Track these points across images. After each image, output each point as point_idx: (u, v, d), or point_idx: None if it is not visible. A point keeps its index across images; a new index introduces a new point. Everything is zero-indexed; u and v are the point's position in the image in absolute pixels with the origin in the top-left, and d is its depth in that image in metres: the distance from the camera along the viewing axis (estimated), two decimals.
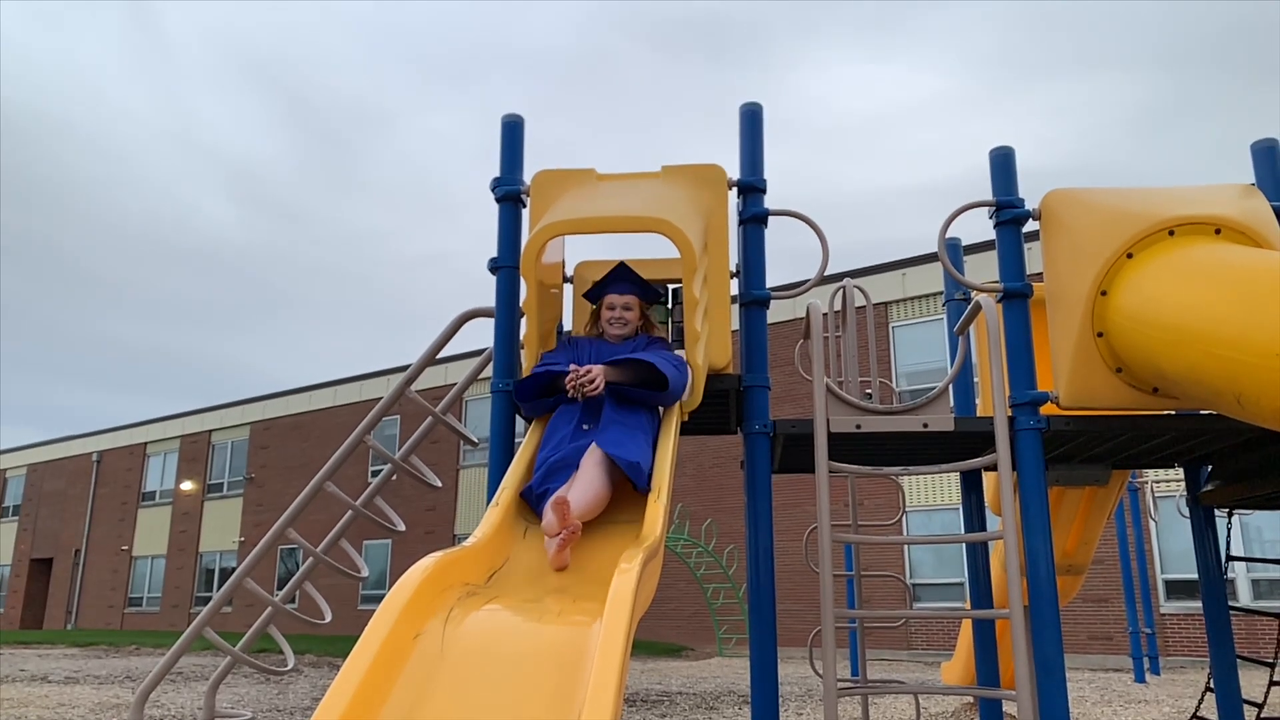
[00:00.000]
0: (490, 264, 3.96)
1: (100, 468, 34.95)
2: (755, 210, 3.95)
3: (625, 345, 3.44)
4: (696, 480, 20.03)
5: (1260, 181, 4.02)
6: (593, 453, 2.97)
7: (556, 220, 3.50)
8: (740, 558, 17.96)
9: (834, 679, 3.00)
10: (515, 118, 4.11)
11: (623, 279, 3.62)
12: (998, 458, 3.22)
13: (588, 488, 2.86)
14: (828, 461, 3.29)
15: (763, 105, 4.10)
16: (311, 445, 28.13)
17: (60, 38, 79.09)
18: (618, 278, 3.62)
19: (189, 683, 10.51)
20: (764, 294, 3.88)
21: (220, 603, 4.73)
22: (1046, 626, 3.40)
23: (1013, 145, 3.94)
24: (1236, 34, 53.38)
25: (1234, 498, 4.34)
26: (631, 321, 3.55)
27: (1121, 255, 3.43)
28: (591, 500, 2.84)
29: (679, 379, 3.22)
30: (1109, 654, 14.91)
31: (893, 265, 18.60)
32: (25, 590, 35.78)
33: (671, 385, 3.17)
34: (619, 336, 3.50)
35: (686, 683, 11.26)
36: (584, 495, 2.82)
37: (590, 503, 2.83)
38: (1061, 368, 3.60)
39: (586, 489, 2.85)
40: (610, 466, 2.94)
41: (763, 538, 3.64)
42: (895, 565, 16.77)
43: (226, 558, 29.76)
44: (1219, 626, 4.30)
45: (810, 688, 10.00)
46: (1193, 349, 2.95)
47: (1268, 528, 14.76)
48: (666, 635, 19.81)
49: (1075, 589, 6.10)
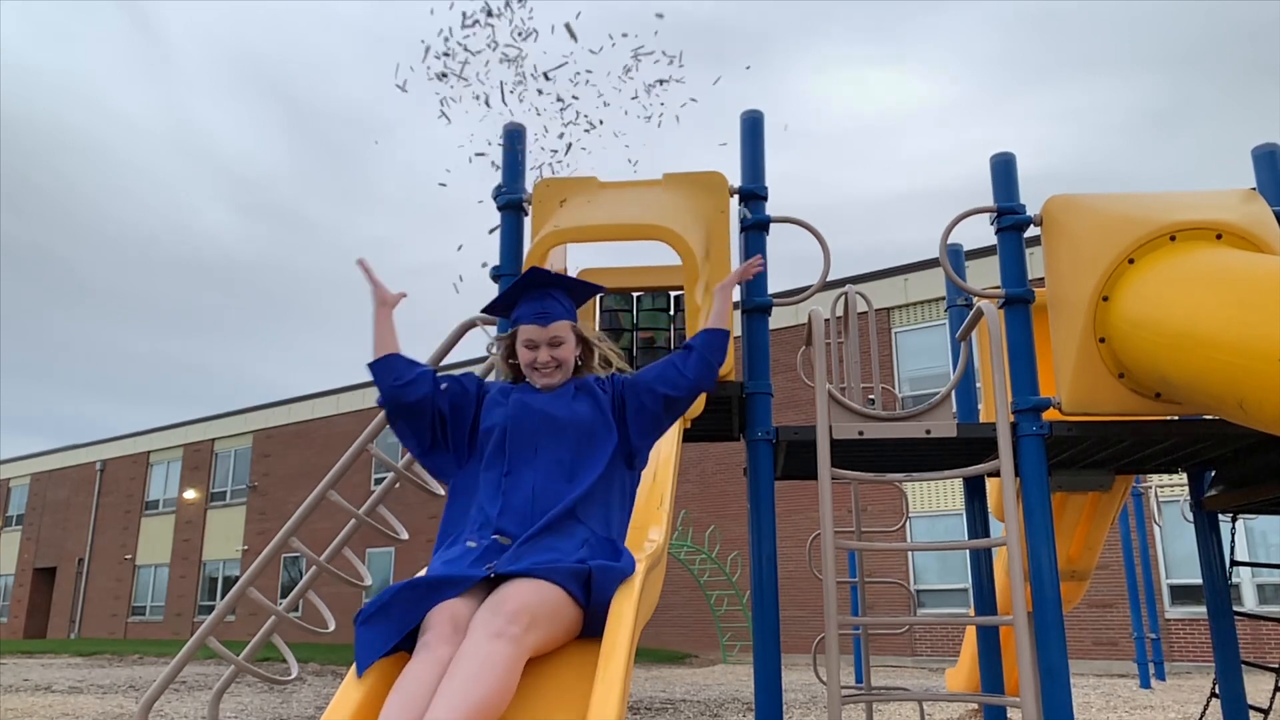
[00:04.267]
0: (492, 272, 3.97)
1: (103, 477, 34.95)
2: (757, 217, 3.96)
3: (564, 396, 2.36)
4: (699, 487, 20.01)
5: (1261, 186, 4.02)
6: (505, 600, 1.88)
7: (558, 229, 3.51)
8: (744, 564, 17.94)
9: (838, 686, 2.99)
10: (517, 126, 4.12)
11: (542, 294, 2.42)
12: (1000, 464, 3.22)
13: (479, 686, 1.72)
14: (831, 468, 3.29)
15: (763, 112, 4.11)
16: (314, 453, 28.12)
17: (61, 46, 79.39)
18: (532, 292, 2.43)
19: (193, 692, 10.50)
20: (766, 300, 3.89)
21: (224, 611, 4.72)
22: (1050, 632, 3.39)
23: (1014, 150, 3.95)
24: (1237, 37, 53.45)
25: (1238, 502, 4.33)
26: (566, 362, 2.40)
27: (1123, 261, 3.43)
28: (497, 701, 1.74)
29: (714, 363, 2.45)
30: (1114, 659, 14.86)
31: (895, 271, 18.59)
32: (29, 599, 35.75)
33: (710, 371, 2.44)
34: (551, 387, 2.39)
35: (690, 690, 11.23)
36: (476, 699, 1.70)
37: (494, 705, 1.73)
38: (1064, 373, 3.60)
39: (478, 689, 1.71)
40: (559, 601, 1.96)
41: (766, 544, 3.64)
42: (899, 571, 16.73)
43: (230, 566, 29.74)
44: (1223, 632, 4.29)
45: (814, 695, 9.98)
46: (1195, 354, 2.95)
47: (1272, 532, 14.71)
48: (670, 642, 19.76)
49: (1079, 595, 6.08)
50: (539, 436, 2.26)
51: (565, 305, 2.41)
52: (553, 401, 2.33)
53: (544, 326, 2.36)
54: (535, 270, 2.47)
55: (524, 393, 2.37)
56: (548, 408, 2.31)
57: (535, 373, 2.37)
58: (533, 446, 2.25)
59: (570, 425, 2.28)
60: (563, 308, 2.40)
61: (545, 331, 2.37)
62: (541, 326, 2.36)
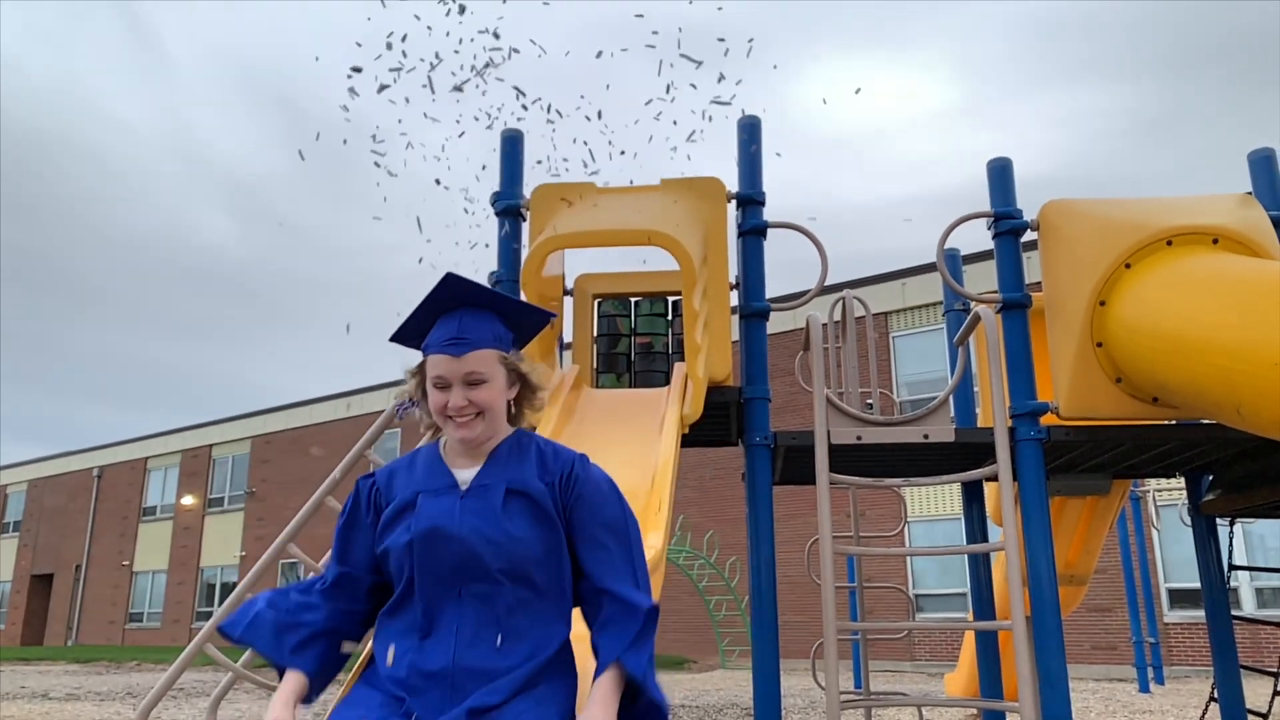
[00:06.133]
0: (491, 277, 3.98)
1: (101, 483, 34.89)
2: (754, 222, 3.96)
3: (486, 502, 1.68)
4: (698, 492, 20.00)
5: (1257, 191, 4.04)
6: None
7: (556, 234, 3.51)
8: (742, 569, 17.92)
9: (837, 691, 2.99)
10: (515, 132, 4.13)
11: (460, 313, 1.75)
12: (998, 468, 3.22)
13: None
14: (829, 473, 3.30)
15: (760, 118, 4.12)
16: (312, 459, 28.11)
17: (59, 52, 79.45)
18: (446, 311, 1.76)
19: (190, 699, 10.47)
20: (764, 306, 3.89)
21: (221, 618, 4.72)
22: (1049, 637, 3.39)
23: (1010, 155, 3.96)
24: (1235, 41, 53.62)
25: (1236, 507, 4.34)
26: (490, 408, 1.72)
27: (1120, 265, 3.44)
28: None
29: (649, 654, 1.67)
30: (1113, 664, 14.85)
31: (892, 275, 18.61)
32: (26, 606, 35.67)
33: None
34: (472, 442, 1.73)
35: (689, 695, 11.22)
36: None
37: None
38: (1061, 378, 3.60)
39: None
40: None
41: (764, 549, 3.64)
42: (897, 576, 16.72)
43: (228, 572, 29.69)
44: (1222, 636, 4.29)
45: (813, 700, 9.97)
46: (1192, 359, 2.96)
47: (1271, 536, 14.72)
48: (669, 648, 19.74)
49: (1078, 599, 6.08)
50: (461, 575, 1.63)
51: (494, 330, 1.74)
52: (474, 515, 1.66)
53: (457, 358, 1.70)
54: (451, 279, 1.73)
55: (433, 496, 1.70)
56: (466, 530, 1.64)
57: (449, 423, 1.72)
58: (453, 589, 1.63)
59: (503, 556, 1.63)
60: (489, 333, 1.73)
61: (459, 365, 1.70)
62: (454, 358, 1.70)
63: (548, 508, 1.70)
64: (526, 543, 1.66)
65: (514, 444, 1.78)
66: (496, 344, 1.75)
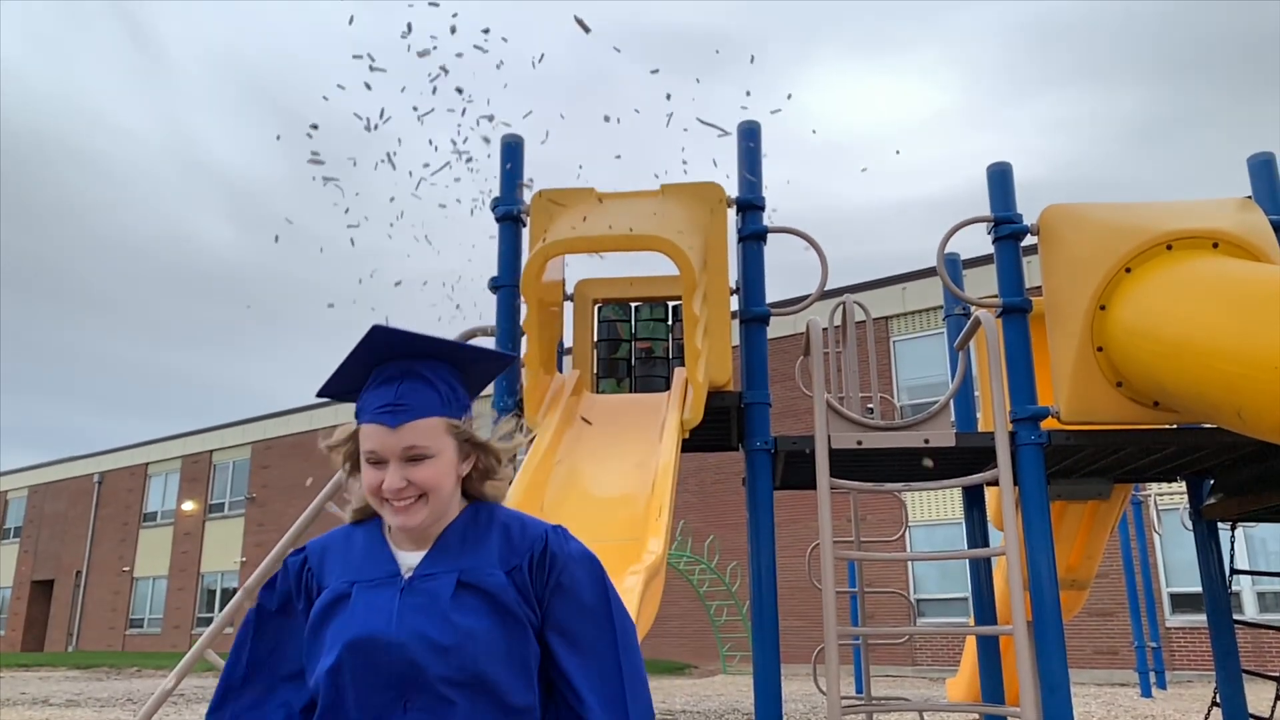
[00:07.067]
0: (491, 283, 3.98)
1: (101, 489, 34.89)
2: (754, 227, 3.97)
3: (435, 597, 1.34)
4: (698, 496, 19.99)
5: (1257, 195, 4.04)
6: None
7: (556, 240, 3.52)
8: (743, 574, 17.90)
9: (838, 696, 2.99)
10: (515, 138, 4.13)
11: (399, 372, 1.40)
12: (999, 473, 3.22)
13: None
14: (829, 478, 3.30)
15: (760, 123, 4.13)
16: (313, 465, 28.08)
17: (59, 59, 79.64)
18: (382, 371, 1.41)
19: (190, 705, 10.45)
20: (764, 310, 3.89)
21: (222, 624, 4.71)
22: (1050, 641, 3.39)
23: (1011, 159, 3.96)
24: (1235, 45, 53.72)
25: (1237, 511, 4.33)
26: (436, 489, 1.37)
27: (1120, 270, 3.44)
28: None
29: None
30: (1114, 668, 14.82)
31: (892, 280, 18.62)
32: (26, 612, 35.65)
33: None
34: (413, 531, 1.39)
35: (690, 701, 11.20)
36: None
37: None
38: (1062, 382, 3.60)
39: None
40: None
41: (765, 554, 3.63)
42: (898, 581, 16.70)
43: (228, 578, 29.67)
44: (1224, 640, 4.29)
45: (814, 705, 9.95)
46: (1192, 363, 2.96)
47: (1272, 540, 14.70)
48: (669, 653, 19.70)
49: (1079, 604, 6.08)
50: (403, 688, 1.29)
51: (440, 393, 1.39)
52: (416, 613, 1.32)
53: (393, 429, 1.34)
54: (378, 333, 1.38)
55: (370, 589, 1.36)
56: (406, 634, 1.30)
57: (385, 506, 1.37)
58: (397, 703, 1.29)
59: (452, 664, 1.29)
60: (434, 397, 1.38)
61: (396, 438, 1.34)
62: (389, 429, 1.35)
63: (509, 604, 1.34)
64: (484, 640, 1.31)
65: (469, 521, 1.42)
66: (444, 410, 1.38)
